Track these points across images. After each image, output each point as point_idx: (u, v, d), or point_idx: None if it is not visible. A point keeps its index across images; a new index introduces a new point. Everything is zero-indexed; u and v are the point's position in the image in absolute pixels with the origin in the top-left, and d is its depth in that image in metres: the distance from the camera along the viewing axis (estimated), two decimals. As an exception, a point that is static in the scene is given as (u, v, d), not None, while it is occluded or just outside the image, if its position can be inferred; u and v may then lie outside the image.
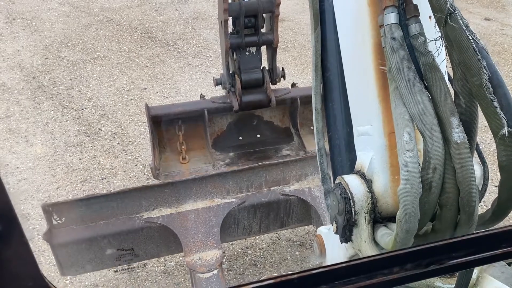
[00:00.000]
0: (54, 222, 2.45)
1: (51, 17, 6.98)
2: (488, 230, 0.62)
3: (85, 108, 4.82)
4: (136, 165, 3.98)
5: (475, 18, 6.91)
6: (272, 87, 3.39)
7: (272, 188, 2.76)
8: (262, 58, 3.42)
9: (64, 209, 2.47)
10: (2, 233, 0.46)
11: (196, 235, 2.53)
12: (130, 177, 3.84)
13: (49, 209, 2.44)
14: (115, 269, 3.04)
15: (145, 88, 5.18)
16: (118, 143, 4.26)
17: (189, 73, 5.52)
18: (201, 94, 3.65)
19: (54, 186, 3.73)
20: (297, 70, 5.58)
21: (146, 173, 3.85)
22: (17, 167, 3.95)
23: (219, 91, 3.86)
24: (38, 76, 5.43)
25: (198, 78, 5.41)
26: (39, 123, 4.57)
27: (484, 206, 3.16)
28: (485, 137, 4.11)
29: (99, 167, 3.96)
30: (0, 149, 4.18)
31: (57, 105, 4.87)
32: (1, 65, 5.67)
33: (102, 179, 3.81)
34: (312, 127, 3.57)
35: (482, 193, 1.24)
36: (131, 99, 4.97)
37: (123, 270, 3.05)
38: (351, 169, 1.40)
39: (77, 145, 4.24)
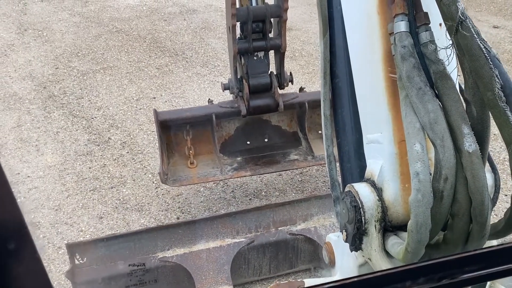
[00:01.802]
0: (77, 262, 2.61)
1: (61, 27, 7.07)
2: (501, 245, 0.61)
3: (95, 117, 4.85)
4: (145, 173, 3.99)
5: (484, 26, 6.87)
6: (280, 91, 3.39)
7: (279, 228, 2.88)
8: (270, 63, 3.43)
9: (86, 249, 2.63)
10: (15, 250, 0.46)
11: (208, 272, 2.66)
12: (139, 185, 3.85)
13: (72, 249, 2.60)
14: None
15: (154, 98, 5.21)
16: (127, 152, 4.28)
17: (198, 82, 5.54)
18: (209, 99, 3.65)
19: (64, 195, 3.75)
20: (304, 79, 5.58)
21: (155, 182, 3.86)
22: (28, 176, 3.98)
23: (227, 97, 3.87)
24: (49, 85, 5.49)
25: (206, 87, 5.43)
26: (49, 132, 4.61)
27: (494, 215, 3.12)
28: (494, 145, 4.06)
29: (109, 176, 3.97)
30: (12, 158, 4.21)
31: (67, 114, 4.91)
32: (12, 75, 5.74)
33: (112, 187, 3.83)
34: (320, 132, 3.57)
35: (493, 202, 1.23)
36: (140, 108, 5.00)
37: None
38: (360, 176, 1.39)
39: (87, 154, 4.27)
